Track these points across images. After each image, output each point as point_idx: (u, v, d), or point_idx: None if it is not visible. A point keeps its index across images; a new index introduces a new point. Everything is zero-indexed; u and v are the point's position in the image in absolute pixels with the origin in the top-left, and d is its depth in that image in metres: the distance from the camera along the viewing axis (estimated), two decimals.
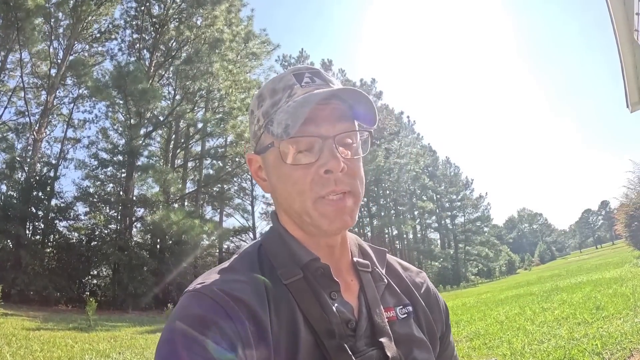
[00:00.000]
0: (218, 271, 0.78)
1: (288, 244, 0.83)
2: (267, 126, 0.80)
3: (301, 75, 0.83)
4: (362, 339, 0.77)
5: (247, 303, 0.70)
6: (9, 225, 18.57)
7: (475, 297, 19.01)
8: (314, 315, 0.74)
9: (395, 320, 0.84)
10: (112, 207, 25.64)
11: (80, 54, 26.02)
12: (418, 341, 0.84)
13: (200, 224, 22.68)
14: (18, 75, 23.85)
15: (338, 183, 0.76)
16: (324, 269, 0.80)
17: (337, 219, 0.77)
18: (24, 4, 18.04)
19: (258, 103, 0.85)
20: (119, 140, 27.19)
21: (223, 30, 25.40)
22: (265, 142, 0.81)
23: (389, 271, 0.94)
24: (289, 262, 0.80)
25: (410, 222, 54.75)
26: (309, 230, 0.81)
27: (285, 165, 0.78)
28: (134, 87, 21.37)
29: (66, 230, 23.62)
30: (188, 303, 0.70)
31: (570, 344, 5.34)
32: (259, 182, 0.89)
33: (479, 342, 6.74)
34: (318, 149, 0.77)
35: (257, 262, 0.81)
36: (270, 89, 0.83)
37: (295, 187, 0.77)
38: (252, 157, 0.88)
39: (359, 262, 0.89)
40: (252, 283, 0.75)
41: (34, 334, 9.52)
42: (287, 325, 0.72)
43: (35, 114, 24.82)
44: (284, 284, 0.77)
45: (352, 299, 0.82)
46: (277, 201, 0.86)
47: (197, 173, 32.34)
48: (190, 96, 26.54)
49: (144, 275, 21.72)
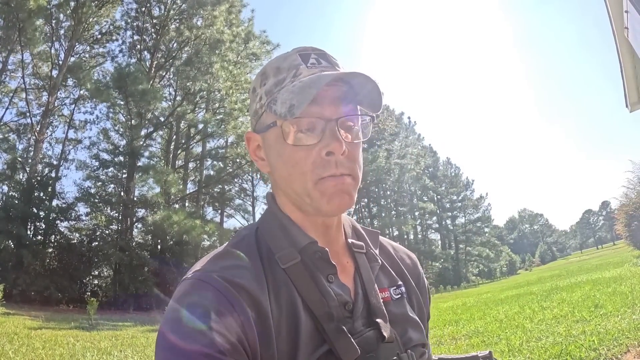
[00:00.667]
0: (216, 256, 0.78)
1: (285, 226, 0.83)
2: (270, 105, 0.79)
3: (307, 56, 0.82)
4: (359, 320, 0.78)
5: (248, 289, 0.71)
6: (10, 226, 18.64)
7: (475, 297, 19.03)
8: (313, 299, 0.75)
9: (390, 301, 0.85)
10: (113, 208, 25.69)
11: (81, 55, 26.13)
12: (412, 321, 0.86)
13: (201, 225, 22.68)
14: (19, 76, 23.96)
15: (339, 165, 0.76)
16: (321, 253, 0.80)
17: (336, 197, 0.77)
18: (26, 5, 18.08)
19: (261, 81, 0.84)
20: (120, 141, 27.29)
21: (223, 31, 25.40)
22: (267, 121, 0.81)
23: (382, 252, 0.95)
24: (287, 245, 0.80)
25: (411, 222, 54.70)
26: (307, 210, 0.81)
27: (287, 146, 0.77)
28: (134, 88, 21.40)
29: (67, 230, 23.75)
30: (188, 290, 0.70)
31: (568, 341, 5.37)
32: (257, 162, 0.88)
33: (478, 340, 6.78)
34: (320, 131, 0.76)
35: (255, 245, 0.81)
36: (274, 67, 0.83)
37: (296, 167, 0.77)
38: (250, 136, 0.87)
39: (354, 243, 0.89)
40: (251, 268, 0.75)
41: (35, 332, 9.56)
42: (287, 310, 0.73)
43: (36, 114, 24.96)
44: (282, 268, 0.77)
45: (348, 280, 0.83)
46: (276, 181, 0.85)
47: (198, 174, 32.33)
48: (191, 97, 26.55)
49: (145, 276, 21.74)
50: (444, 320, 10.17)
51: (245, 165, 29.29)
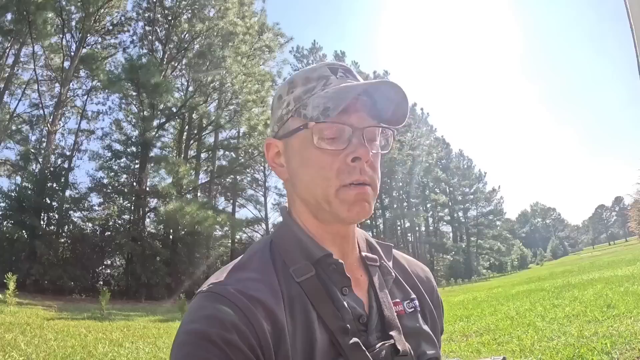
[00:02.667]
0: (231, 270, 0.78)
1: (300, 239, 0.83)
2: (299, 110, 0.80)
3: (335, 69, 0.84)
4: (373, 334, 0.78)
5: (264, 302, 0.71)
6: (23, 216, 18.88)
7: (486, 291, 18.93)
8: (328, 313, 0.74)
9: (404, 314, 0.84)
10: (126, 198, 25.92)
11: (93, 47, 26.18)
12: (425, 335, 0.85)
13: (214, 215, 22.82)
14: (32, 68, 24.06)
15: (362, 172, 0.77)
16: (336, 265, 0.80)
17: (356, 205, 0.77)
18: None
19: (289, 89, 0.85)
20: (132, 132, 27.43)
21: (236, 22, 25.32)
22: (293, 126, 0.81)
23: (396, 266, 0.95)
24: (301, 258, 0.80)
25: (423, 214, 54.53)
26: (325, 218, 0.82)
27: (313, 150, 0.78)
28: (146, 80, 21.44)
29: (80, 220, 24.09)
30: (203, 304, 0.70)
31: (580, 342, 5.31)
32: (275, 168, 0.88)
33: (489, 338, 6.73)
34: (347, 138, 0.77)
35: (270, 259, 0.81)
36: (303, 77, 0.84)
37: (320, 172, 0.78)
38: (271, 142, 0.88)
39: (368, 256, 0.89)
40: (267, 282, 0.75)
41: (48, 323, 9.67)
42: (302, 324, 0.73)
43: (49, 106, 25.14)
44: (297, 282, 0.77)
45: (362, 293, 0.83)
46: (296, 187, 0.85)
47: (210, 164, 32.46)
48: (203, 88, 26.57)
49: (156, 266, 21.98)
50: (455, 316, 10.10)
51: (257, 156, 29.37)
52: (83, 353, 6.69)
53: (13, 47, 22.33)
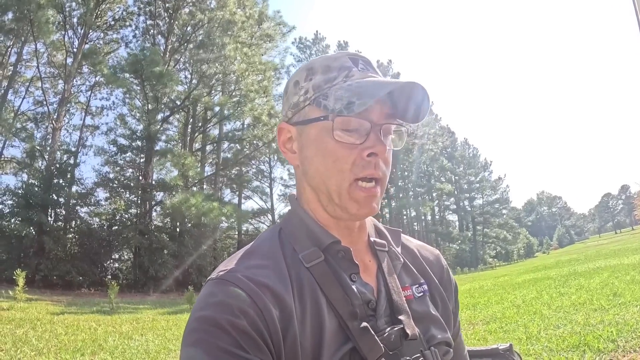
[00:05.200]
0: (240, 257, 0.79)
1: (308, 226, 0.84)
2: (318, 99, 0.80)
3: (356, 60, 0.84)
4: (382, 318, 0.79)
5: (272, 288, 0.72)
6: (31, 213, 18.99)
7: (492, 280, 18.91)
8: (337, 298, 0.75)
9: (412, 299, 0.85)
10: (132, 192, 26.02)
11: (95, 42, 26.16)
12: (435, 319, 0.86)
13: (219, 207, 22.81)
14: (34, 65, 24.13)
15: (377, 167, 0.78)
16: (344, 252, 0.81)
17: (366, 204, 0.78)
18: None
19: (307, 75, 0.84)
20: (137, 126, 27.54)
21: (235, 12, 25.19)
22: (311, 115, 0.81)
23: (404, 250, 0.95)
24: (310, 245, 0.81)
25: (429, 204, 54.41)
26: (333, 210, 0.82)
27: (330, 141, 0.78)
28: (150, 70, 21.40)
29: (87, 215, 24.27)
30: (213, 291, 0.72)
31: (586, 330, 5.30)
32: (286, 153, 0.88)
33: (495, 326, 6.73)
34: (365, 133, 0.78)
35: (279, 246, 0.82)
36: (323, 65, 0.84)
37: (336, 163, 0.78)
38: (284, 127, 0.88)
39: (376, 241, 0.90)
40: (275, 268, 0.76)
41: (58, 318, 9.75)
42: (311, 309, 0.74)
43: (53, 103, 25.28)
44: (306, 268, 0.78)
45: (370, 279, 0.84)
46: (308, 175, 0.84)
47: (215, 156, 32.49)
48: (206, 80, 26.51)
49: (164, 259, 22.07)
50: (461, 304, 10.09)
51: (262, 147, 29.34)
52: (93, 346, 6.75)
53: (15, 45, 22.36)
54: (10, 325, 7.96)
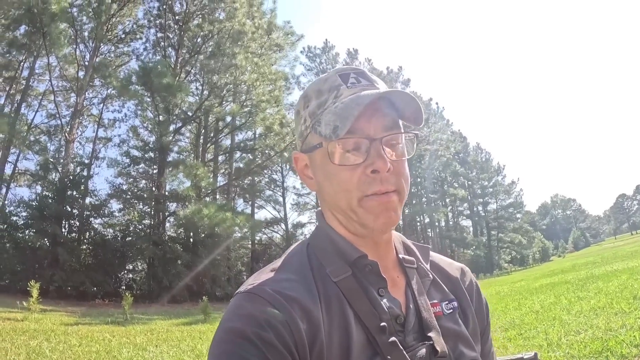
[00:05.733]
0: (268, 271, 0.80)
1: (335, 241, 0.84)
2: (315, 126, 0.81)
3: (346, 76, 0.83)
4: (410, 334, 0.78)
5: (300, 301, 0.72)
6: (45, 225, 19.19)
7: (509, 285, 18.69)
8: (365, 312, 0.75)
9: (442, 315, 0.84)
10: (145, 203, 26.15)
11: (106, 55, 26.55)
12: (464, 337, 0.84)
13: (232, 217, 22.86)
14: (47, 79, 24.52)
15: (384, 182, 0.77)
16: (372, 266, 0.81)
17: (382, 214, 0.77)
18: (48, 8, 18.34)
19: (304, 103, 0.86)
20: (149, 138, 27.81)
21: (245, 22, 25.36)
22: (313, 142, 0.83)
23: (433, 267, 0.94)
24: (338, 260, 0.81)
25: (442, 209, 54.11)
26: (355, 228, 0.82)
27: (333, 165, 0.79)
28: (159, 82, 21.57)
29: (101, 227, 24.34)
30: (241, 304, 0.72)
31: (608, 335, 5.17)
32: (305, 180, 0.90)
33: (514, 333, 6.61)
34: (365, 150, 0.77)
35: (307, 261, 0.82)
36: (315, 89, 0.84)
37: (341, 186, 0.78)
38: (298, 156, 0.90)
39: (405, 258, 0.89)
40: (303, 282, 0.77)
41: (72, 328, 9.76)
42: (338, 323, 0.73)
43: (65, 115, 25.58)
44: (334, 282, 0.78)
45: (399, 294, 0.83)
46: (324, 199, 0.86)
47: (227, 166, 32.67)
48: (217, 90, 26.66)
49: (178, 269, 22.11)
50: None
51: (274, 157, 29.41)
52: (108, 358, 6.75)
53: (27, 59, 22.72)
54: (24, 336, 7.97)
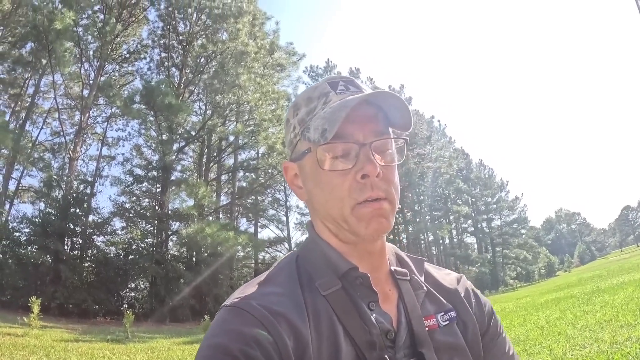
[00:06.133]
0: (256, 284, 0.78)
1: (326, 253, 0.82)
2: (304, 133, 0.80)
3: (335, 84, 0.83)
4: (401, 350, 0.76)
5: (287, 317, 0.70)
6: (48, 241, 19.16)
7: (514, 301, 18.51)
8: (354, 327, 0.73)
9: (437, 329, 0.82)
10: (148, 222, 26.16)
11: (110, 75, 26.88)
12: (460, 349, 0.82)
13: (235, 236, 22.81)
14: (52, 97, 24.89)
15: (374, 188, 0.76)
16: (362, 279, 0.79)
17: (373, 221, 0.76)
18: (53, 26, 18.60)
19: (294, 112, 0.85)
20: (152, 156, 28.08)
21: (248, 42, 25.65)
22: (302, 149, 0.82)
23: (428, 278, 0.92)
24: (327, 272, 0.80)
25: (446, 227, 53.81)
26: (346, 237, 0.81)
27: (323, 172, 0.78)
28: (162, 101, 21.74)
29: (104, 244, 24.36)
30: (226, 318, 0.71)
31: (613, 349, 5.10)
32: (295, 190, 0.88)
33: (519, 349, 6.52)
34: (354, 155, 0.77)
35: (296, 273, 0.81)
36: (305, 97, 0.84)
37: (333, 193, 0.77)
38: (288, 165, 0.88)
39: (397, 270, 0.87)
40: (291, 296, 0.75)
41: (72, 345, 9.70)
42: (327, 339, 0.71)
43: (69, 133, 25.90)
44: (323, 296, 0.76)
45: (390, 308, 0.81)
46: (314, 208, 0.85)
47: (230, 186, 32.73)
48: (220, 110, 26.87)
49: (180, 288, 22.05)
50: None
51: (277, 176, 29.49)
52: None
53: (33, 77, 23.00)
54: (23, 351, 7.93)
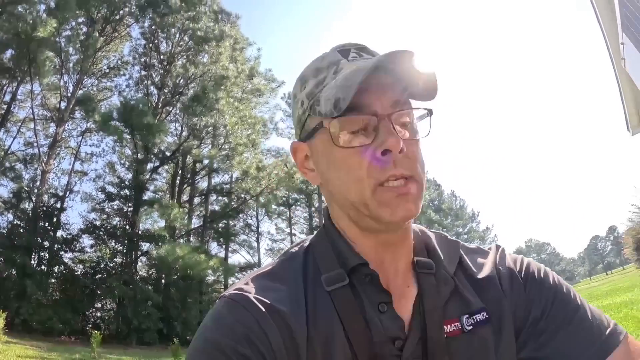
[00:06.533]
0: (258, 276, 0.73)
1: (336, 244, 0.75)
2: (313, 107, 0.72)
3: (347, 51, 0.75)
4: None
5: (284, 315, 0.66)
6: (14, 254, 18.58)
7: None
8: (356, 330, 0.67)
9: (459, 335, 0.71)
10: (118, 241, 25.58)
11: (89, 88, 26.60)
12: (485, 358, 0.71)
13: (206, 260, 22.55)
14: (28, 106, 24.26)
15: (397, 165, 0.67)
16: (372, 277, 0.71)
17: (399, 207, 0.67)
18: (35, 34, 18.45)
19: (301, 85, 0.78)
20: (125, 175, 27.52)
21: (228, 67, 25.85)
22: (312, 125, 0.74)
23: (461, 268, 0.80)
24: (336, 266, 0.72)
25: None
26: (367, 224, 0.72)
27: (337, 149, 0.69)
28: (139, 121, 21.64)
29: (71, 262, 23.64)
30: (222, 312, 0.68)
31: None
32: (306, 174, 0.80)
33: None
34: (373, 129, 0.68)
35: (302, 265, 0.75)
36: (313, 68, 0.77)
37: (350, 174, 0.69)
38: (297, 145, 0.80)
39: (420, 262, 0.77)
40: (292, 292, 0.70)
41: None
42: (325, 340, 0.66)
43: (43, 145, 25.09)
44: (327, 291, 0.70)
45: (406, 309, 0.72)
46: (330, 193, 0.76)
47: (203, 209, 32.39)
48: (197, 132, 26.82)
49: (148, 310, 21.50)
50: None
51: (249, 201, 29.35)
52: None
53: (10, 84, 22.58)
54: None
